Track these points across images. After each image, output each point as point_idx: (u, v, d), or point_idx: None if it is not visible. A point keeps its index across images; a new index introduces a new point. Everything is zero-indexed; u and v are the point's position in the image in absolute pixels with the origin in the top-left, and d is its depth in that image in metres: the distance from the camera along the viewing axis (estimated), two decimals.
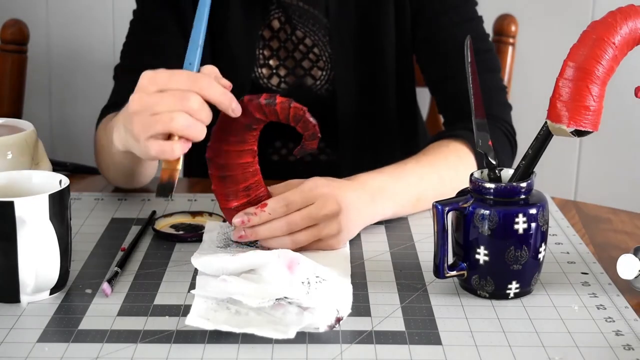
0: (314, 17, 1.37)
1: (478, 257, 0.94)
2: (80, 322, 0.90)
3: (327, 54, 1.38)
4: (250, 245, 1.06)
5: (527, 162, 0.95)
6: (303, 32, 1.37)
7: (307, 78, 1.40)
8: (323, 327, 0.86)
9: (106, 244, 1.09)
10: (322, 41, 1.37)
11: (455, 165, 1.18)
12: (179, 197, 1.25)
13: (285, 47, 1.38)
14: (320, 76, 1.39)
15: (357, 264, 1.03)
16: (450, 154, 1.20)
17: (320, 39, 1.37)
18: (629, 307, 0.94)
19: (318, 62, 1.38)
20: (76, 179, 1.33)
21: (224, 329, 0.85)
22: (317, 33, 1.37)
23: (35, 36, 1.76)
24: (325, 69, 1.38)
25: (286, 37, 1.38)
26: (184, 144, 0.95)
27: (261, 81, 1.40)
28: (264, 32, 1.38)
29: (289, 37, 1.38)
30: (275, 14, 1.37)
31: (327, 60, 1.38)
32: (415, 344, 0.86)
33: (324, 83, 1.39)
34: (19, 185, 0.99)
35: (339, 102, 1.38)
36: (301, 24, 1.37)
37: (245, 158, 1.02)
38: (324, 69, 1.39)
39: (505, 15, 1.71)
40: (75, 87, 2.08)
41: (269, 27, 1.38)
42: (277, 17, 1.38)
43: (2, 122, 1.14)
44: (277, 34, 1.38)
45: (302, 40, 1.38)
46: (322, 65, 1.38)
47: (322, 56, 1.38)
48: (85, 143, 2.10)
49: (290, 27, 1.37)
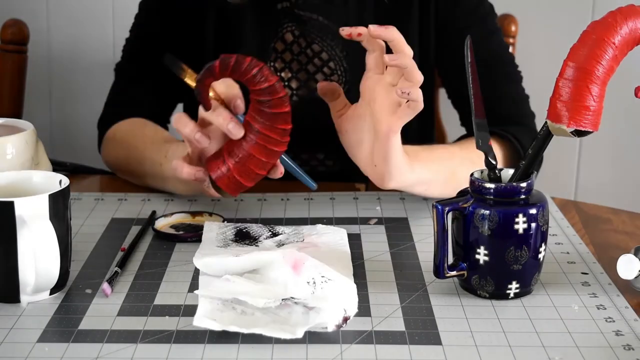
0: (332, 32, 1.36)
1: (478, 257, 0.94)
2: (80, 322, 0.90)
3: (343, 69, 1.38)
4: (250, 245, 1.06)
5: (527, 162, 0.95)
6: (320, 47, 1.37)
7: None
8: (331, 326, 0.86)
9: (106, 244, 1.09)
10: (339, 56, 1.37)
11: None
12: (178, 197, 1.25)
13: (298, 60, 1.38)
14: None
15: (357, 264, 1.03)
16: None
17: (337, 54, 1.37)
18: (629, 307, 0.94)
19: (332, 75, 1.38)
20: (76, 179, 1.33)
21: (231, 329, 0.85)
22: (335, 48, 1.37)
23: (35, 36, 1.76)
24: (340, 83, 1.38)
25: (300, 50, 1.38)
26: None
27: None
28: (277, 45, 1.38)
29: (302, 50, 1.38)
30: (288, 27, 1.37)
31: (342, 75, 1.38)
32: (415, 344, 0.86)
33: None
34: (19, 185, 0.99)
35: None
36: (319, 38, 1.37)
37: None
38: (338, 83, 1.38)
39: (505, 15, 1.71)
40: (75, 87, 2.08)
41: (281, 39, 1.38)
42: (290, 30, 1.38)
43: (2, 122, 1.14)
44: (290, 47, 1.38)
45: (319, 54, 1.38)
46: (336, 79, 1.38)
47: (337, 70, 1.38)
48: (85, 143, 2.10)
49: (305, 40, 1.37)
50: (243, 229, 1.10)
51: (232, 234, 1.09)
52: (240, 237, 1.08)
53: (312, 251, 1.02)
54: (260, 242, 1.07)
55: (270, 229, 1.10)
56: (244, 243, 1.06)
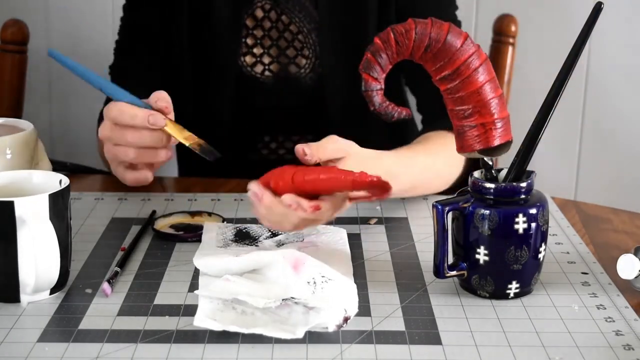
0: (302, 5, 1.40)
1: (478, 257, 0.94)
2: (80, 322, 0.90)
3: (312, 42, 1.41)
4: (250, 245, 1.06)
5: (520, 159, 0.95)
6: (289, 18, 1.41)
7: (292, 66, 1.43)
8: (332, 326, 0.86)
9: (106, 244, 1.09)
10: (307, 28, 1.40)
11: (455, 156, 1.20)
12: (178, 197, 1.25)
13: (269, 36, 1.42)
14: (305, 64, 1.42)
15: (357, 264, 1.03)
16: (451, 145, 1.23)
17: (305, 25, 1.41)
18: (629, 307, 0.94)
19: (302, 49, 1.42)
20: (76, 179, 1.33)
21: (231, 329, 0.85)
22: (303, 20, 1.40)
23: (35, 36, 1.76)
24: (310, 57, 1.42)
25: (270, 25, 1.42)
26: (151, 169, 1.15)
27: (245, 70, 1.43)
28: (247, 21, 1.42)
29: (273, 25, 1.41)
30: (259, 2, 1.41)
31: (312, 49, 1.41)
32: (415, 344, 0.86)
33: (308, 71, 1.42)
34: (19, 185, 0.99)
35: (326, 92, 1.40)
36: (288, 9, 1.40)
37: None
38: (308, 57, 1.42)
39: (505, 15, 1.71)
40: (75, 87, 2.08)
41: (252, 16, 1.42)
42: (261, 5, 1.41)
43: (2, 122, 1.14)
44: (260, 23, 1.42)
45: (288, 27, 1.41)
46: (306, 54, 1.42)
47: (306, 44, 1.41)
48: (85, 143, 2.10)
49: (276, 13, 1.41)
50: (243, 229, 1.10)
51: (232, 234, 1.09)
52: (240, 237, 1.08)
53: (312, 251, 1.02)
54: (260, 242, 1.07)
55: (270, 229, 1.10)
56: (244, 243, 1.06)
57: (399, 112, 0.95)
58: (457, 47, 0.92)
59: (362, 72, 0.93)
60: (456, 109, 0.94)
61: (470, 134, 0.93)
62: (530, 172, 0.96)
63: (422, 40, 0.92)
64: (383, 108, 0.94)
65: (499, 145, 0.93)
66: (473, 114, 0.92)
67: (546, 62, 1.81)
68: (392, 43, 0.92)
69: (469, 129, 0.93)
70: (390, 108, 0.95)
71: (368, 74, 0.93)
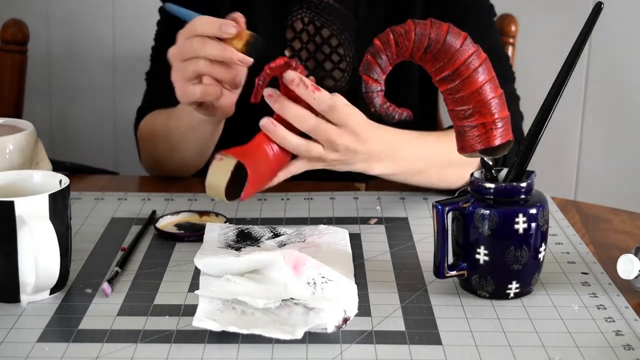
0: (342, 16, 1.37)
1: (478, 257, 0.94)
2: (80, 322, 0.90)
3: (352, 55, 1.38)
4: (252, 245, 1.06)
5: (520, 159, 0.95)
6: (330, 31, 1.38)
7: (328, 80, 1.40)
8: (331, 327, 0.86)
9: (106, 244, 1.09)
10: (348, 40, 1.38)
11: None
12: (179, 197, 1.25)
13: (307, 49, 1.39)
14: (341, 78, 1.39)
15: (357, 264, 1.03)
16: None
17: (346, 38, 1.38)
18: (629, 307, 0.94)
19: (340, 63, 1.39)
20: (76, 179, 1.33)
21: (231, 329, 0.85)
22: (344, 33, 1.38)
23: (35, 36, 1.76)
24: (347, 70, 1.39)
25: (308, 38, 1.39)
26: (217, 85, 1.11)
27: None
28: (287, 34, 1.39)
29: (311, 39, 1.39)
30: (298, 14, 1.38)
31: (350, 62, 1.38)
32: (415, 344, 0.86)
33: (343, 85, 1.39)
34: (19, 185, 0.99)
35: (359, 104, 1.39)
36: (329, 22, 1.38)
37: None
38: (345, 71, 1.39)
39: (505, 15, 1.71)
40: (75, 87, 2.08)
41: (291, 27, 1.39)
42: (300, 17, 1.38)
43: (2, 122, 1.14)
44: (299, 35, 1.39)
45: (327, 40, 1.38)
46: (343, 67, 1.39)
47: (345, 57, 1.38)
48: (85, 143, 2.10)
49: (315, 27, 1.38)
50: (245, 230, 1.10)
51: (234, 234, 1.09)
52: (241, 237, 1.08)
53: (313, 251, 1.02)
54: (261, 242, 1.07)
55: (272, 229, 1.10)
56: (246, 244, 1.06)
57: (399, 113, 0.96)
58: (456, 47, 0.92)
59: (362, 73, 0.93)
60: (456, 109, 0.94)
61: (471, 134, 0.93)
62: (530, 172, 0.96)
63: (422, 41, 0.92)
64: (384, 109, 0.94)
65: (499, 145, 0.93)
66: (473, 114, 0.92)
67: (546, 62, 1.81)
68: (392, 44, 0.92)
69: (469, 129, 0.93)
70: (391, 109, 0.95)
71: (368, 76, 0.93)
